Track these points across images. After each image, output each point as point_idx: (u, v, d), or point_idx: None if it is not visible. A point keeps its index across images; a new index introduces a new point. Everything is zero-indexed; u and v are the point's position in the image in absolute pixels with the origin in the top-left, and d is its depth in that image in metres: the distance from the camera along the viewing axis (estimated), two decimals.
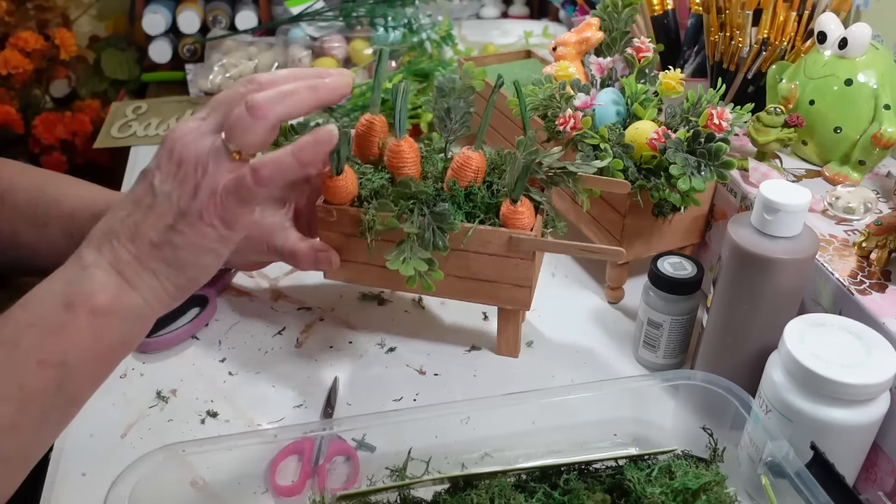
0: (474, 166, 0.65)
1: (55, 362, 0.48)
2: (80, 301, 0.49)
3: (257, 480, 0.60)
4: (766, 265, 0.59)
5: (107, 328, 0.50)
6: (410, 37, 1.20)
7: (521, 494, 0.55)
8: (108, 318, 0.50)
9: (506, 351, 0.73)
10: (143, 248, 0.51)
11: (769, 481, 0.54)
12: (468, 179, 0.65)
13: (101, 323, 0.49)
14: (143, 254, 0.51)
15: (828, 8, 0.88)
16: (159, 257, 0.51)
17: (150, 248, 0.51)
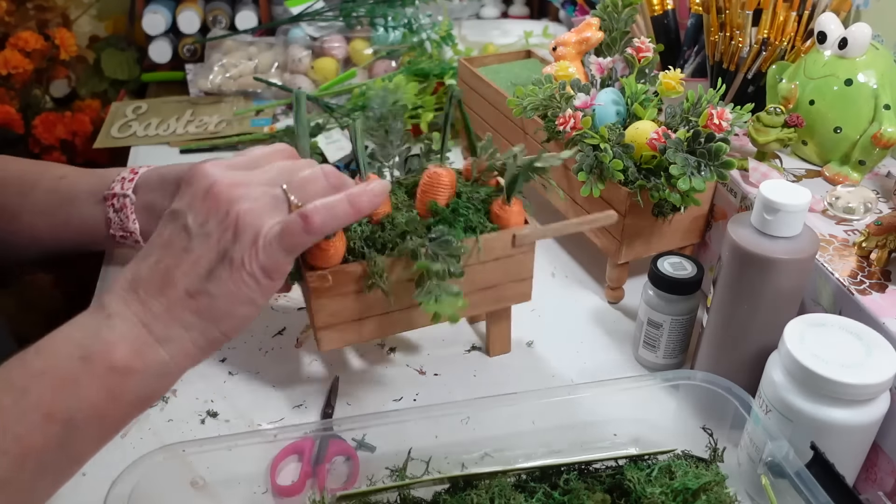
0: (446, 182, 0.62)
1: (62, 418, 0.44)
2: (99, 354, 0.45)
3: (257, 480, 0.60)
4: (766, 265, 0.59)
5: (124, 386, 0.46)
6: (410, 37, 1.20)
7: (521, 494, 0.55)
8: (127, 375, 0.46)
9: (499, 349, 0.72)
10: (175, 297, 0.47)
11: (769, 481, 0.54)
12: (446, 196, 0.62)
13: (119, 381, 0.46)
14: (174, 304, 0.47)
15: (828, 8, 0.88)
16: (193, 308, 0.47)
17: (184, 298, 0.47)
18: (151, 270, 0.47)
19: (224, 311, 0.48)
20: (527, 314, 0.79)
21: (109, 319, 0.46)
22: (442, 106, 1.11)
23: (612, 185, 0.73)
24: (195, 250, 0.47)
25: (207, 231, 0.47)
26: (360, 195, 0.50)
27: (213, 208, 0.47)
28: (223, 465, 0.59)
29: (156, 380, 0.48)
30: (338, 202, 0.49)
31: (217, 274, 0.47)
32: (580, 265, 0.86)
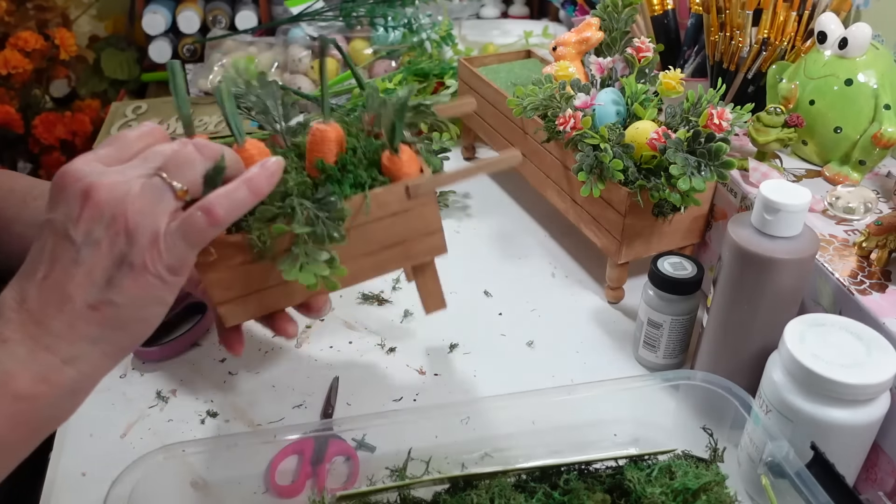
0: (333, 137, 0.57)
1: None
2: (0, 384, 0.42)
3: (257, 480, 0.60)
4: (766, 265, 0.59)
5: (31, 412, 0.43)
6: (410, 37, 1.20)
7: (521, 494, 0.55)
8: (33, 401, 0.43)
9: (434, 305, 0.65)
10: (75, 313, 0.44)
11: (769, 481, 0.54)
12: (335, 153, 0.57)
13: (26, 408, 0.43)
14: (76, 320, 0.44)
15: (828, 8, 0.88)
16: (97, 320, 0.44)
17: (86, 312, 0.44)
18: (40, 288, 0.44)
19: (132, 316, 0.45)
20: (527, 314, 0.79)
21: (6, 345, 0.43)
22: None
23: (612, 185, 0.73)
24: (85, 261, 0.44)
25: (95, 239, 0.44)
26: (258, 178, 0.48)
27: (96, 214, 0.44)
28: (223, 465, 0.59)
29: (67, 398, 0.45)
30: (236, 189, 0.47)
31: (117, 281, 0.44)
32: (580, 265, 0.86)
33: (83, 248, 0.44)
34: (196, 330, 0.74)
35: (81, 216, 0.44)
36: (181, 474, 0.56)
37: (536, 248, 0.89)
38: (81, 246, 0.44)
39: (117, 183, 0.44)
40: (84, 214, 0.44)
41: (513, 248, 0.89)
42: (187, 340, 0.73)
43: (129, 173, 0.45)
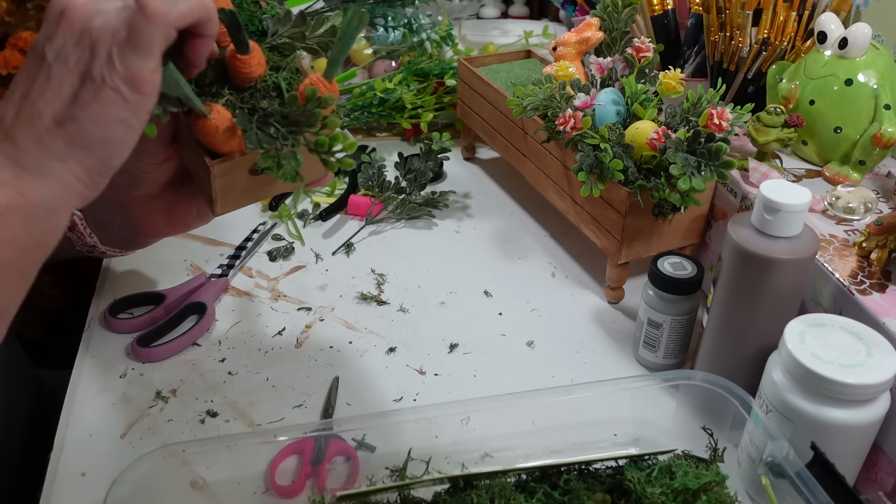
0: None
1: None
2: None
3: (257, 480, 0.60)
4: (766, 265, 0.59)
5: (12, 227, 0.45)
6: (410, 37, 1.20)
7: (521, 494, 0.55)
8: (11, 216, 0.44)
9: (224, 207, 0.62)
10: (42, 127, 0.45)
11: (769, 481, 0.54)
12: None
13: (5, 222, 0.44)
14: (43, 135, 0.45)
15: (828, 8, 0.88)
16: (62, 136, 0.45)
17: (52, 127, 0.45)
18: (17, 106, 0.46)
19: (95, 135, 0.46)
20: (527, 314, 0.79)
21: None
22: (442, 106, 1.11)
23: (612, 185, 0.73)
24: (55, 77, 0.45)
25: (64, 56, 0.45)
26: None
27: (68, 32, 0.45)
28: (223, 465, 0.59)
29: (45, 216, 0.46)
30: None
31: (81, 96, 0.45)
32: (580, 265, 0.86)
33: (54, 65, 0.45)
34: (196, 330, 0.74)
35: (56, 34, 0.45)
36: (181, 474, 0.56)
37: (536, 248, 0.89)
38: (52, 63, 0.45)
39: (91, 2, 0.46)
40: (58, 32, 0.45)
41: (513, 248, 0.89)
42: (187, 340, 0.73)
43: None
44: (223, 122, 0.54)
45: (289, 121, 0.53)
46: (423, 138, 1.02)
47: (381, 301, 0.80)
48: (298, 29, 0.59)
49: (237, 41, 0.54)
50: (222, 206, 0.58)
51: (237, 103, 0.55)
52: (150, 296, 0.77)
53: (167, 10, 0.45)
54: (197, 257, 0.85)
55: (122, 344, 0.73)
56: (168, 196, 0.66)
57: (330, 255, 0.87)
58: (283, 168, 0.52)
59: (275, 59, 0.58)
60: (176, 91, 0.50)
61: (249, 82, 0.56)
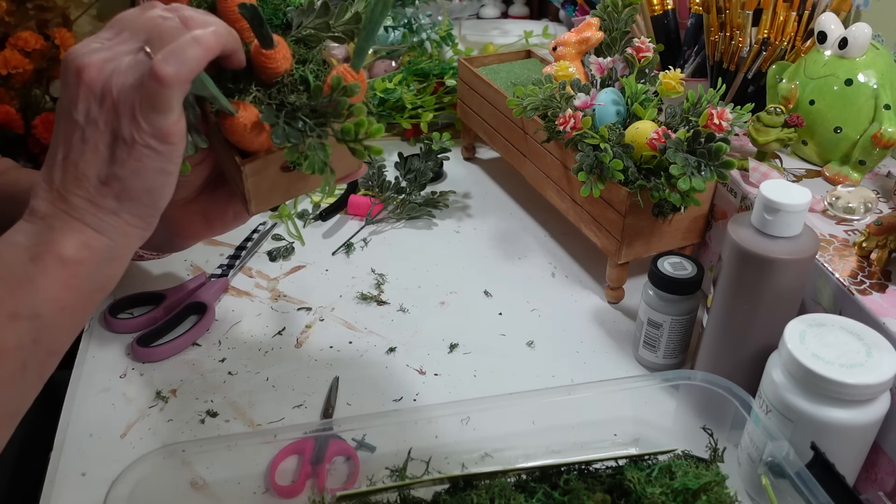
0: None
1: (27, 315, 0.47)
2: (46, 252, 0.47)
3: (257, 480, 0.60)
4: (766, 265, 0.59)
5: (78, 276, 0.48)
6: (410, 37, 1.20)
7: (521, 494, 0.55)
8: (78, 266, 0.48)
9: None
10: (91, 188, 0.48)
11: (769, 481, 0.54)
12: None
13: (72, 272, 0.48)
14: (93, 195, 0.48)
15: (828, 8, 0.88)
16: (111, 194, 0.48)
17: (99, 187, 0.48)
18: (61, 168, 0.48)
19: (139, 188, 0.49)
20: (527, 314, 0.79)
21: (45, 221, 0.48)
22: (442, 106, 1.11)
23: (612, 185, 0.73)
24: (90, 139, 0.48)
25: (93, 118, 0.47)
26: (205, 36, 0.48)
27: (89, 93, 0.47)
28: (223, 465, 0.59)
29: (107, 264, 0.50)
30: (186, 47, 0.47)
31: (118, 155, 0.47)
32: (580, 265, 0.86)
33: (86, 128, 0.47)
34: (196, 330, 0.74)
35: (79, 96, 0.47)
36: (181, 474, 0.56)
37: (536, 248, 0.89)
38: (84, 125, 0.47)
39: (106, 60, 0.47)
40: (80, 94, 0.47)
41: (513, 248, 0.89)
42: (187, 340, 0.73)
43: (118, 49, 0.48)
44: (250, 119, 0.53)
45: (317, 114, 0.53)
46: (423, 138, 1.02)
47: (381, 301, 0.80)
48: (322, 19, 0.58)
49: (261, 36, 0.53)
50: (256, 205, 0.58)
51: (265, 99, 0.55)
52: (150, 296, 0.77)
53: (178, 71, 0.46)
54: (197, 257, 0.85)
55: (122, 344, 0.73)
56: (204, 199, 0.67)
57: (330, 255, 0.87)
58: (310, 159, 0.51)
59: (301, 51, 0.57)
60: (202, 91, 0.50)
61: (276, 77, 0.55)
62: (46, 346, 0.48)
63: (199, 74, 0.49)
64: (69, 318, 0.49)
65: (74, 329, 0.50)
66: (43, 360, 0.49)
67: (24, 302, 0.47)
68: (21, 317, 0.47)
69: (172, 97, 0.47)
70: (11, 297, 0.47)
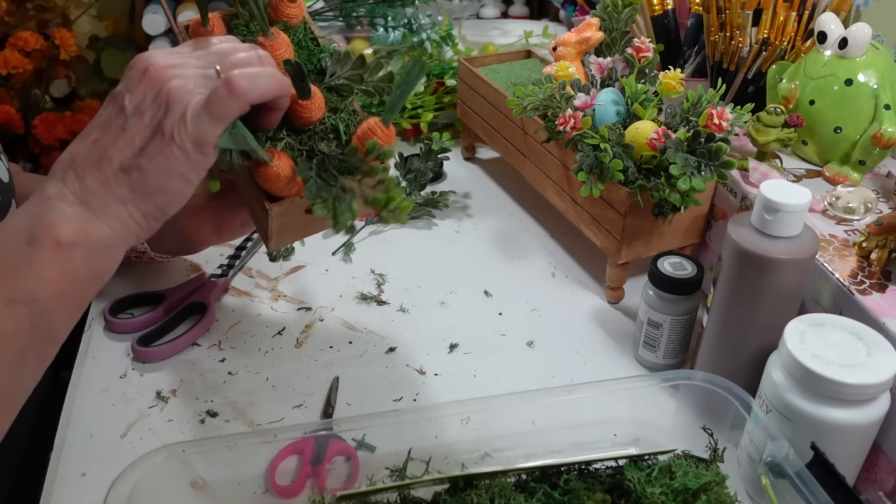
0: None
1: (25, 300, 0.47)
2: (44, 235, 0.47)
3: (257, 480, 0.60)
4: (766, 265, 0.59)
5: (73, 261, 0.48)
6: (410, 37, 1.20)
7: (521, 494, 0.55)
8: (73, 250, 0.48)
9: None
10: (109, 172, 0.49)
11: (769, 481, 0.54)
12: None
13: (67, 256, 0.48)
14: (109, 179, 0.49)
15: (828, 8, 0.88)
16: (127, 182, 0.49)
17: (118, 173, 0.49)
18: (89, 149, 0.49)
19: (156, 185, 0.49)
20: (527, 314, 0.79)
21: (49, 202, 0.48)
22: (442, 106, 1.11)
23: (612, 185, 0.73)
24: (130, 128, 0.49)
25: (142, 109, 0.49)
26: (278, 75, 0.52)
27: (148, 88, 0.49)
28: (223, 465, 0.59)
29: (103, 253, 0.50)
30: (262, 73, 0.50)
31: (149, 149, 0.49)
32: (580, 265, 0.86)
33: (131, 118, 0.49)
34: (196, 330, 0.74)
35: (137, 89, 0.49)
36: (181, 474, 0.56)
37: (536, 248, 0.89)
38: (130, 115, 0.49)
39: (175, 66, 0.50)
40: (139, 88, 0.49)
41: (513, 248, 0.89)
42: (187, 340, 0.73)
43: (190, 62, 0.51)
44: (285, 171, 0.54)
45: (346, 165, 0.54)
46: (423, 138, 1.02)
47: (381, 301, 0.80)
48: (357, 72, 0.59)
49: (300, 89, 0.55)
50: (276, 242, 0.60)
51: (296, 145, 0.56)
52: (150, 296, 0.77)
53: (250, 88, 0.49)
54: (197, 257, 0.85)
55: (122, 344, 0.73)
56: (214, 208, 0.70)
57: (330, 255, 0.87)
58: (339, 222, 0.52)
59: (333, 99, 0.59)
60: (243, 145, 0.52)
61: (308, 125, 0.57)
62: (44, 333, 0.49)
63: (241, 128, 0.51)
64: (66, 305, 0.49)
65: (71, 317, 0.50)
66: (41, 346, 0.49)
67: (22, 286, 0.47)
68: (19, 301, 0.47)
69: (231, 111, 0.49)
70: (9, 282, 0.47)
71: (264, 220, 0.57)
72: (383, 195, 0.52)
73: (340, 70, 0.60)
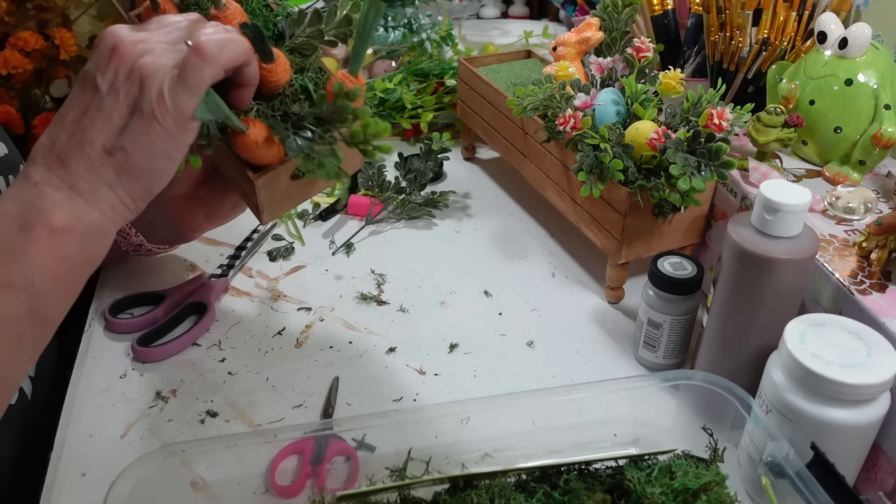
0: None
1: (22, 285, 0.47)
2: (37, 221, 0.47)
3: (257, 480, 0.60)
4: (766, 265, 0.59)
5: (68, 246, 0.48)
6: (410, 37, 1.20)
7: (521, 494, 0.55)
8: (67, 236, 0.48)
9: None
10: (93, 155, 0.49)
11: (769, 481, 0.54)
12: None
13: (62, 241, 0.48)
14: (94, 163, 0.49)
15: (828, 8, 0.88)
16: (112, 165, 0.49)
17: (102, 155, 0.49)
18: (68, 132, 0.49)
19: (141, 166, 0.49)
20: (527, 314, 0.79)
21: (37, 187, 0.48)
22: (442, 106, 1.11)
23: (612, 185, 0.73)
24: (106, 107, 0.48)
25: (116, 87, 0.48)
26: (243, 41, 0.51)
27: (119, 64, 0.49)
28: (223, 465, 0.59)
29: (96, 237, 0.50)
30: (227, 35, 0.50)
31: (130, 128, 0.48)
32: (580, 265, 0.86)
33: (106, 97, 0.48)
34: (196, 330, 0.74)
35: (108, 67, 0.49)
36: (181, 474, 0.56)
37: (536, 248, 0.89)
38: (105, 94, 0.49)
39: (144, 41, 0.49)
40: (110, 66, 0.49)
41: (513, 248, 0.89)
42: (187, 340, 0.73)
43: (157, 37, 0.50)
44: (261, 135, 0.54)
45: (322, 120, 0.54)
46: (423, 138, 1.02)
47: (381, 301, 0.80)
48: (315, 27, 0.59)
49: (262, 52, 0.54)
50: (269, 214, 0.60)
51: (268, 112, 0.56)
52: (150, 296, 0.77)
53: (220, 52, 0.49)
54: (197, 257, 0.85)
55: (122, 344, 0.73)
56: (202, 193, 0.69)
57: (330, 255, 0.87)
58: (326, 167, 0.53)
59: (297, 61, 0.59)
60: (217, 114, 0.51)
61: (277, 90, 0.57)
62: (41, 317, 0.49)
63: (214, 96, 0.50)
64: (62, 290, 0.50)
65: (67, 301, 0.51)
66: (38, 331, 0.49)
67: (18, 272, 0.47)
68: (16, 287, 0.47)
69: (206, 78, 0.49)
70: (5, 267, 0.47)
71: (252, 194, 0.57)
72: (360, 128, 0.52)
73: (298, 30, 0.59)
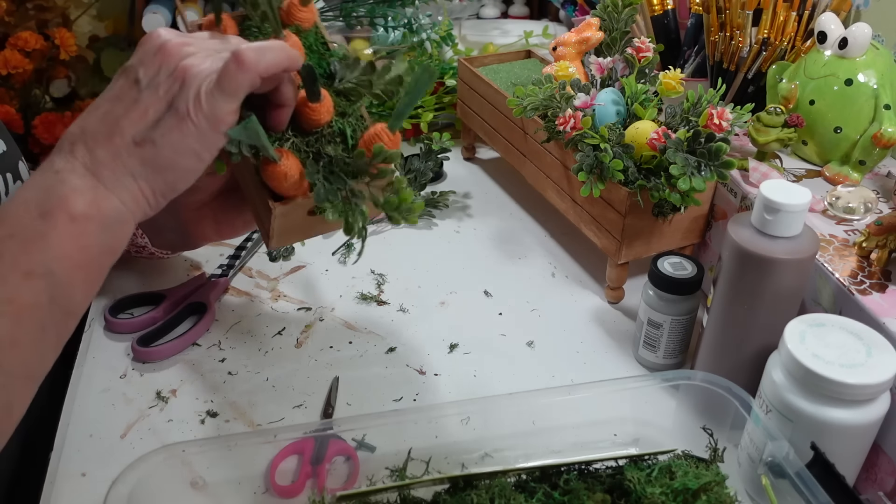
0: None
1: (42, 273, 0.47)
2: (56, 208, 0.47)
3: (257, 480, 0.60)
4: (766, 265, 0.59)
5: (88, 234, 0.48)
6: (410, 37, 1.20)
7: (521, 494, 0.55)
8: (87, 223, 0.48)
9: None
10: (121, 145, 0.49)
11: (769, 481, 0.54)
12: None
13: (81, 229, 0.48)
14: (121, 151, 0.49)
15: (828, 8, 0.88)
16: (139, 156, 0.49)
17: (130, 146, 0.49)
18: (100, 121, 0.49)
19: (168, 161, 0.49)
20: (527, 314, 0.79)
21: (58, 175, 0.48)
22: (442, 106, 1.11)
23: (612, 185, 0.73)
24: (144, 101, 0.49)
25: (157, 82, 0.49)
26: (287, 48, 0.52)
27: (163, 62, 0.49)
28: (223, 465, 0.59)
29: (115, 226, 0.50)
30: (270, 45, 0.51)
31: (163, 123, 0.49)
32: (580, 265, 0.86)
33: (145, 91, 0.49)
34: (196, 330, 0.74)
35: (153, 62, 0.50)
36: (181, 474, 0.56)
37: (536, 248, 0.89)
38: (144, 88, 0.49)
39: (189, 44, 0.51)
40: (154, 62, 0.50)
41: (513, 248, 0.89)
42: (187, 340, 0.73)
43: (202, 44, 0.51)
44: (293, 171, 0.55)
45: (352, 169, 0.54)
46: (423, 138, 1.02)
47: (381, 301, 0.80)
48: (366, 77, 0.59)
49: (311, 92, 0.55)
50: (277, 241, 0.60)
51: (302, 146, 0.57)
52: (150, 296, 0.77)
53: (257, 60, 0.49)
54: (197, 257, 0.85)
55: (122, 344, 0.73)
56: (217, 204, 0.70)
57: (330, 255, 0.87)
58: (351, 226, 0.53)
59: (341, 104, 0.59)
60: (255, 140, 0.52)
61: (316, 128, 0.57)
62: (62, 306, 0.48)
63: (255, 122, 0.51)
64: (83, 278, 0.49)
65: (89, 290, 0.50)
66: (60, 320, 0.49)
67: (38, 259, 0.47)
68: (36, 275, 0.46)
69: (243, 83, 0.49)
70: (25, 255, 0.46)
71: (267, 219, 0.57)
72: (395, 197, 0.52)
73: (350, 74, 0.60)
